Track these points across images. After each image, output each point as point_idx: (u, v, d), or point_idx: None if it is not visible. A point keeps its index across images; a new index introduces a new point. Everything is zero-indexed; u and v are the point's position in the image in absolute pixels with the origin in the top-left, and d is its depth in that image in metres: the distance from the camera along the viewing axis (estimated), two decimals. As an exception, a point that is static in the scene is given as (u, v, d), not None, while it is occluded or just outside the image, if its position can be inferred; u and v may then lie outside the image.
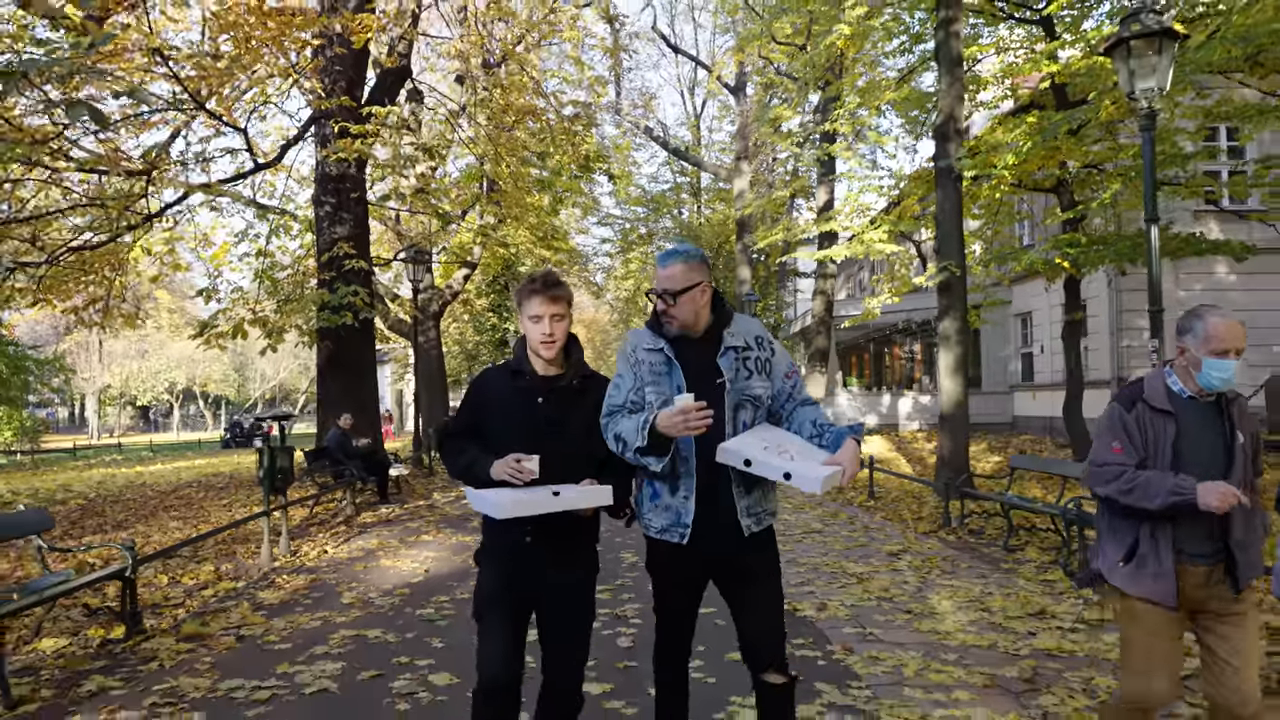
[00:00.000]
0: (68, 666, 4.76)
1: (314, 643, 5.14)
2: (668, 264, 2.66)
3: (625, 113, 28.68)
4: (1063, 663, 4.48)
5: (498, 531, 2.68)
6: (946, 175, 10.97)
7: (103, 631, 5.37)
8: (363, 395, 14.21)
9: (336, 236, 13.80)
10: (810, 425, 2.69)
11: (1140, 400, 2.71)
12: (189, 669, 4.68)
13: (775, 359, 2.78)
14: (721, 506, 2.64)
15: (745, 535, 2.67)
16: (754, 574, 2.74)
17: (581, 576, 2.78)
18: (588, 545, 2.80)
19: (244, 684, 4.39)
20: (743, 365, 2.70)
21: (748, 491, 2.68)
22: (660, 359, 2.71)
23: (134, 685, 4.44)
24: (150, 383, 44.58)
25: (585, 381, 2.77)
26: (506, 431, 2.66)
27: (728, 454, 2.51)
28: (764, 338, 2.79)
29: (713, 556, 2.69)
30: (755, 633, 2.74)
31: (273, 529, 7.84)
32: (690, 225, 32.83)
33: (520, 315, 2.70)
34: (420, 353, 19.14)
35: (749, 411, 2.70)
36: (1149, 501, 2.58)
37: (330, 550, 8.37)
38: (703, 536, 2.64)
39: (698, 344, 2.71)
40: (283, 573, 7.27)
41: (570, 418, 2.70)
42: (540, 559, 2.66)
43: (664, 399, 2.63)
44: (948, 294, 10.87)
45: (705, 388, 2.63)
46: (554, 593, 2.70)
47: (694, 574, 2.75)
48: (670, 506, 2.68)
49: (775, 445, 2.56)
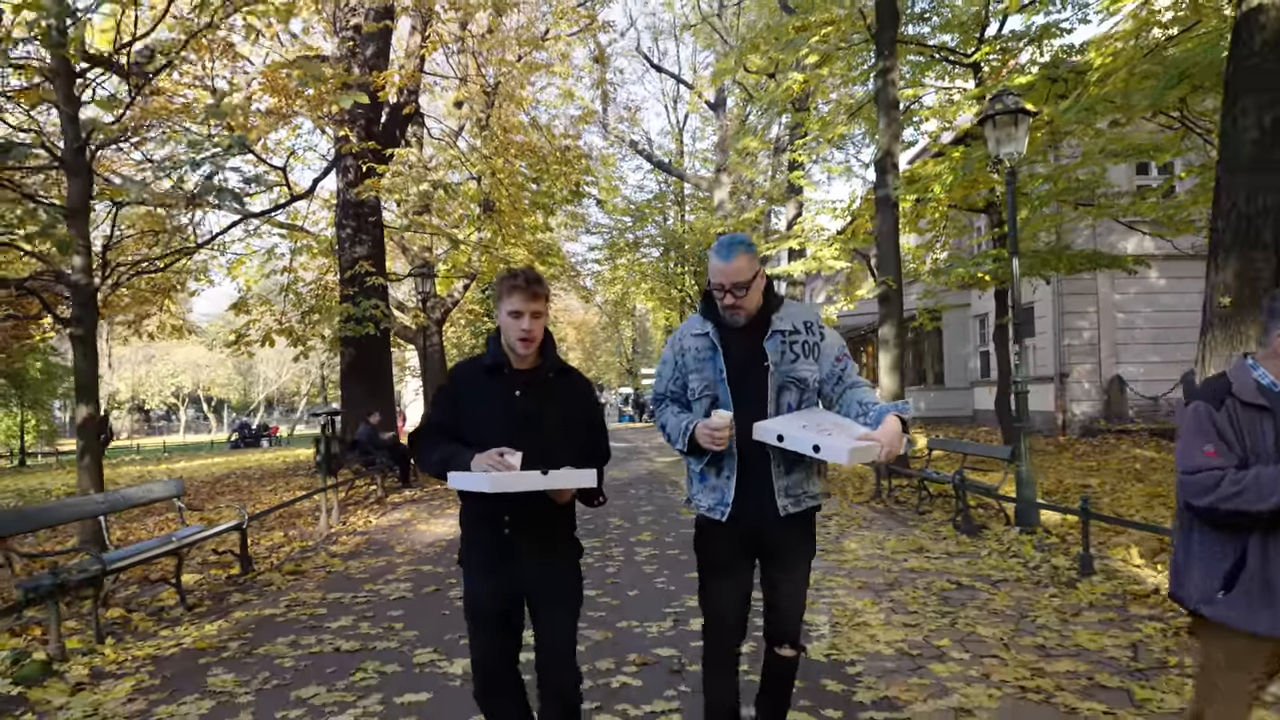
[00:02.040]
0: (211, 590, 6.62)
1: (384, 574, 7.02)
2: (732, 256, 2.67)
3: (612, 128, 30.53)
4: (920, 575, 6.38)
5: (476, 525, 2.73)
6: (885, 203, 12.87)
7: (223, 571, 7.22)
8: (381, 395, 16.06)
9: (357, 256, 15.65)
10: (857, 405, 2.70)
11: (1229, 396, 2.34)
12: (300, 589, 6.55)
13: (825, 343, 2.81)
14: (761, 486, 2.72)
15: (781, 515, 2.73)
16: (785, 555, 2.83)
17: (565, 564, 2.80)
18: (567, 532, 2.81)
19: (344, 595, 6.27)
20: (789, 349, 2.74)
21: (787, 472, 2.74)
22: (705, 344, 2.78)
23: (265, 599, 6.30)
24: (157, 387, 46.37)
25: (561, 375, 2.78)
26: (484, 426, 2.64)
27: (762, 431, 2.60)
28: (814, 323, 2.82)
29: (750, 533, 2.77)
30: (777, 610, 2.87)
31: (328, 504, 9.69)
32: (674, 232, 34.68)
33: (498, 309, 2.67)
34: (425, 356, 21.01)
35: (793, 393, 2.74)
36: (1264, 502, 2.19)
37: (372, 520, 10.23)
38: (743, 514, 2.73)
39: (746, 329, 2.76)
40: (340, 536, 9.12)
41: (548, 410, 2.70)
42: (520, 549, 2.68)
43: (706, 384, 2.77)
44: (886, 304, 12.79)
45: (750, 370, 2.73)
46: (539, 583, 2.73)
47: (737, 550, 2.82)
48: (716, 486, 2.77)
49: (815, 424, 2.58)
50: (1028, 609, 5.33)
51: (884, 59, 12.88)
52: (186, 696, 4.20)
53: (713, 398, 2.75)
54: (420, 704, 4.00)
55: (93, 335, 7.80)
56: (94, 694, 4.28)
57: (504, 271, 2.70)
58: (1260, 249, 5.51)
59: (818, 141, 16.85)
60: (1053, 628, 4.90)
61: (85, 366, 7.71)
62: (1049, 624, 4.98)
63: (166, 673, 4.59)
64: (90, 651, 4.91)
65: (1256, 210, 5.52)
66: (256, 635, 5.27)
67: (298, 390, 52.57)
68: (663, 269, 35.09)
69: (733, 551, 2.79)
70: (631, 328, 51.68)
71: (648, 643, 4.85)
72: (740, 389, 2.72)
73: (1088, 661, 4.30)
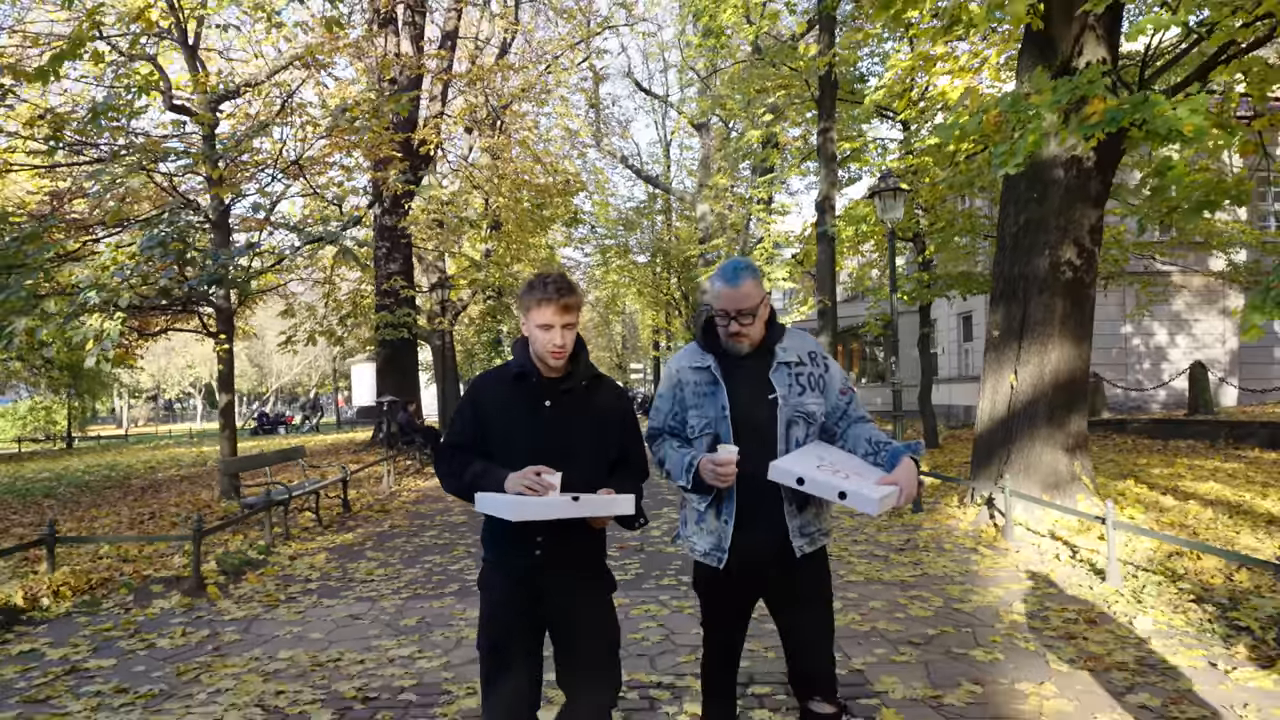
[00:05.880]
0: (329, 519, 9.75)
1: (445, 511, 10.16)
2: (739, 281, 2.52)
3: (604, 145, 33.61)
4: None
5: (504, 547, 2.49)
6: (824, 238, 16.02)
7: (332, 510, 10.34)
8: (410, 388, 19.18)
9: (390, 271, 18.77)
10: (865, 443, 2.59)
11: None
12: (392, 520, 9.68)
13: (829, 375, 2.68)
14: (769, 527, 2.55)
15: (798, 556, 2.56)
16: (804, 596, 2.64)
17: (600, 594, 2.58)
18: (599, 559, 2.60)
19: (423, 521, 9.41)
20: (795, 381, 2.61)
21: (800, 510, 2.58)
22: (706, 378, 2.62)
23: (371, 524, 9.42)
24: (177, 378, 49.40)
25: (594, 383, 2.57)
26: (512, 439, 2.45)
27: (780, 472, 2.41)
28: (817, 353, 2.69)
29: (759, 579, 2.62)
30: (804, 658, 2.65)
31: (390, 470, 12.83)
32: (661, 238, 37.72)
33: (525, 320, 2.46)
34: (438, 354, 24.13)
35: (801, 428, 2.59)
36: None
37: (419, 484, 13.36)
38: (746, 559, 2.56)
39: (748, 360, 2.62)
40: (399, 495, 12.23)
41: (579, 421, 2.50)
42: (554, 575, 2.46)
43: (707, 421, 2.60)
44: (824, 317, 15.96)
45: (757, 404, 2.57)
46: (571, 613, 2.50)
47: (738, 597, 2.69)
48: (713, 530, 2.60)
49: (829, 464, 2.47)
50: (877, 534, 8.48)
51: (824, 120, 16.02)
52: (357, 561, 7.34)
53: (714, 435, 2.59)
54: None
55: (231, 343, 10.88)
56: (304, 560, 7.41)
57: (531, 279, 2.47)
58: (1017, 301, 8.64)
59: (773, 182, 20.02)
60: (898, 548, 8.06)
61: (226, 370, 10.82)
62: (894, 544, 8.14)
63: (336, 555, 7.71)
64: (285, 544, 8.04)
65: (1015, 276, 8.65)
66: (379, 539, 8.41)
67: (306, 382, 55.60)
68: (650, 274, 38.09)
69: (735, 597, 2.68)
70: (622, 325, 54.83)
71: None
72: (746, 424, 2.56)
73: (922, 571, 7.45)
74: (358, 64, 19.13)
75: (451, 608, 5.72)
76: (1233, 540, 6.39)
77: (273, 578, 6.82)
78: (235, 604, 6.00)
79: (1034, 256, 8.19)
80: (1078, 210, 7.90)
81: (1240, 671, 4.05)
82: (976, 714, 3.67)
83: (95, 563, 7.18)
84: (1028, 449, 7.98)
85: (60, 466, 19.60)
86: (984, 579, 6.09)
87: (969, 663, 4.32)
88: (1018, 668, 4.22)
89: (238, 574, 6.80)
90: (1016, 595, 5.59)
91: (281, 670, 4.51)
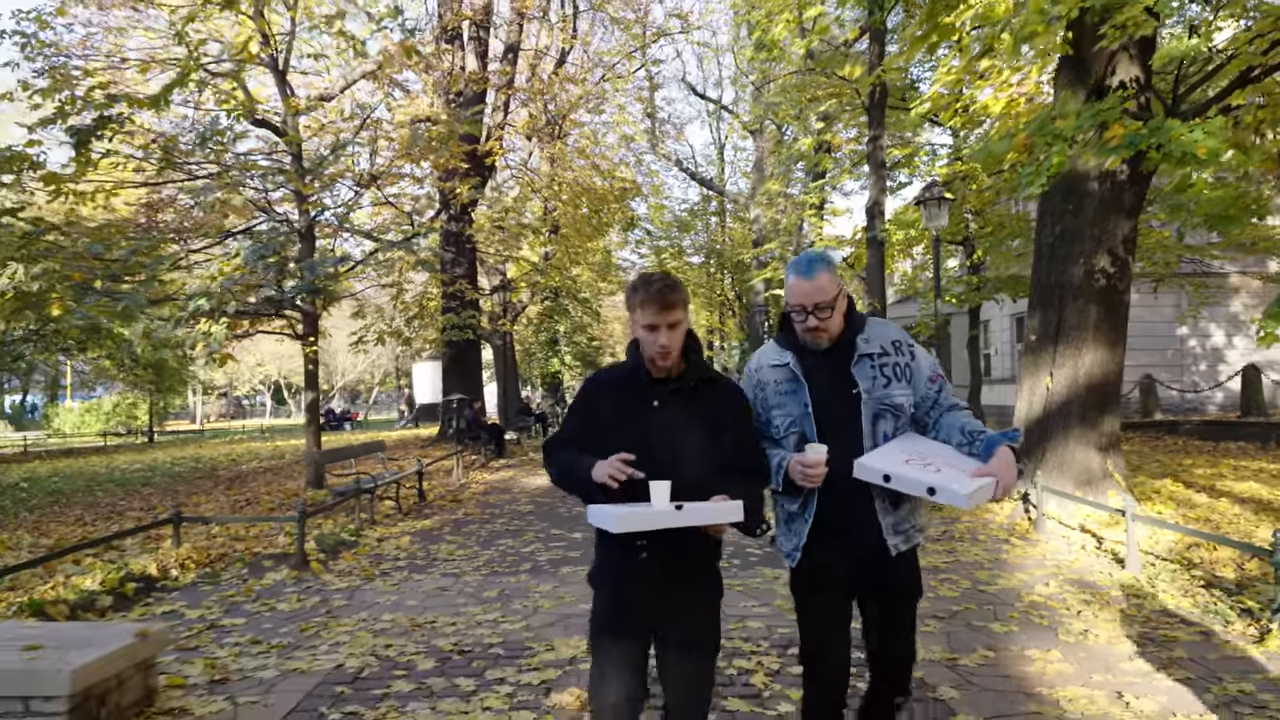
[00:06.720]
0: (407, 508, 10.59)
1: (511, 502, 10.94)
2: (814, 274, 2.46)
3: (659, 149, 34.27)
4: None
5: (612, 549, 2.48)
6: (874, 242, 16.44)
7: (408, 500, 11.19)
8: (473, 387, 20.11)
9: (456, 275, 19.68)
10: (959, 433, 2.51)
11: None
12: (464, 509, 10.48)
13: (916, 364, 2.58)
14: (862, 526, 2.50)
15: (893, 555, 2.52)
16: (896, 594, 2.63)
17: (704, 598, 2.51)
18: (709, 564, 2.53)
19: (494, 510, 10.18)
20: (879, 373, 2.53)
21: (894, 507, 2.52)
22: (786, 375, 2.58)
23: (445, 512, 10.23)
24: (247, 375, 51.50)
25: (706, 384, 2.50)
26: (618, 439, 2.38)
27: (865, 470, 2.37)
28: (902, 342, 2.59)
29: (848, 578, 2.57)
30: (887, 653, 2.67)
31: (460, 463, 13.69)
32: (715, 240, 38.26)
33: (632, 322, 2.45)
34: (499, 353, 25.07)
35: (889, 421, 2.52)
36: None
37: (485, 477, 14.19)
38: (832, 559, 2.53)
39: (829, 354, 2.55)
40: (469, 486, 13.06)
41: (689, 422, 2.44)
42: (657, 577, 2.42)
43: (791, 419, 2.55)
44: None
45: (840, 399, 2.51)
46: (674, 616, 2.46)
47: (827, 596, 2.59)
48: (795, 530, 2.59)
49: (919, 457, 2.39)
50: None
51: (874, 128, 16.45)
52: (438, 544, 8.12)
53: (800, 434, 2.53)
54: (566, 544, 7.85)
55: (315, 344, 11.80)
56: (390, 542, 8.22)
57: (634, 280, 2.48)
58: (1053, 307, 9.07)
59: (824, 187, 20.48)
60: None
61: (312, 370, 11.76)
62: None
63: (418, 538, 8.51)
64: (371, 528, 8.87)
65: (1051, 283, 9.07)
66: (455, 525, 9.21)
67: (368, 380, 57.43)
68: (704, 275, 38.64)
69: (823, 597, 2.60)
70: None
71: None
72: (830, 421, 2.51)
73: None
74: (425, 77, 20.10)
75: (527, 583, 6.43)
76: (1251, 534, 6.79)
77: (365, 556, 7.63)
78: (336, 577, 6.81)
79: (1069, 265, 8.62)
80: (1111, 221, 8.32)
81: (1233, 645, 4.55)
82: (987, 673, 4.24)
83: (210, 541, 8.08)
84: (1061, 447, 8.43)
85: (148, 459, 20.96)
86: (1011, 565, 6.61)
87: (986, 633, 4.88)
88: (1030, 638, 4.77)
89: (335, 552, 7.64)
90: (1039, 579, 6.11)
91: (387, 629, 5.26)
